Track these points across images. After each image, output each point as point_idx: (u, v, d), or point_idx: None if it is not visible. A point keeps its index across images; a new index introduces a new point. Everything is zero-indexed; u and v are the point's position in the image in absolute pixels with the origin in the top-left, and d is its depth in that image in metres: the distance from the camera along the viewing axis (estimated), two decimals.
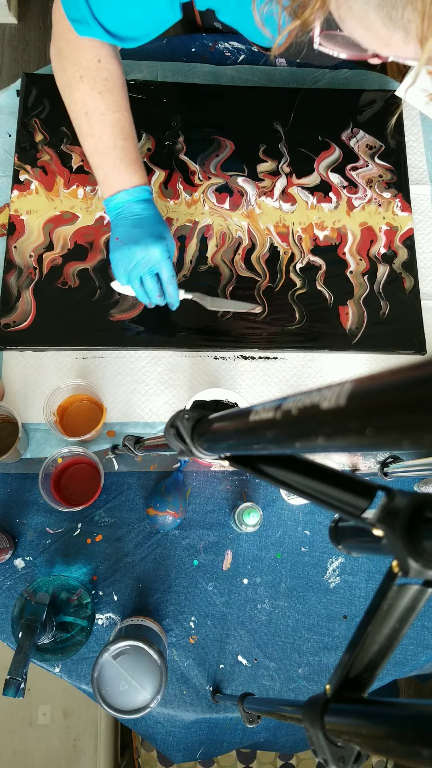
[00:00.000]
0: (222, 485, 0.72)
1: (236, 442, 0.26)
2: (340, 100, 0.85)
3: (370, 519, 0.22)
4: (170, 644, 0.67)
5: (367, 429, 0.15)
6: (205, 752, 0.75)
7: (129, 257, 0.63)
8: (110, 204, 0.64)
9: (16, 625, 0.58)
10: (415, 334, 0.76)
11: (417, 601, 0.25)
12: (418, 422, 0.13)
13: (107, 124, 0.62)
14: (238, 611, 0.68)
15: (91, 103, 0.61)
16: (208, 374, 0.74)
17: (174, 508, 0.67)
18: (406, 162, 0.83)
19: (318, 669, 0.68)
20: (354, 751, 0.25)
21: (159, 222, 0.64)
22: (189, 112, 0.83)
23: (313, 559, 0.70)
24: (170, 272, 0.65)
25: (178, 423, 0.30)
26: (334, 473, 0.26)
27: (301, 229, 0.79)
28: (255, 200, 0.79)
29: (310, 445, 0.19)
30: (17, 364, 0.72)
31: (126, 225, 0.63)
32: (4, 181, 0.79)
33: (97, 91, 0.61)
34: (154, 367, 0.74)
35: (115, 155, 0.62)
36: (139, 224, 0.63)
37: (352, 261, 0.78)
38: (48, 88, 0.81)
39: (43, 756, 1.07)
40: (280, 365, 0.75)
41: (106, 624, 0.67)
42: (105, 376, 0.73)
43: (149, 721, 0.73)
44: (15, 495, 0.69)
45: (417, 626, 0.69)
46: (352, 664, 0.26)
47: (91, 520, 0.69)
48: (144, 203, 0.64)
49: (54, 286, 0.73)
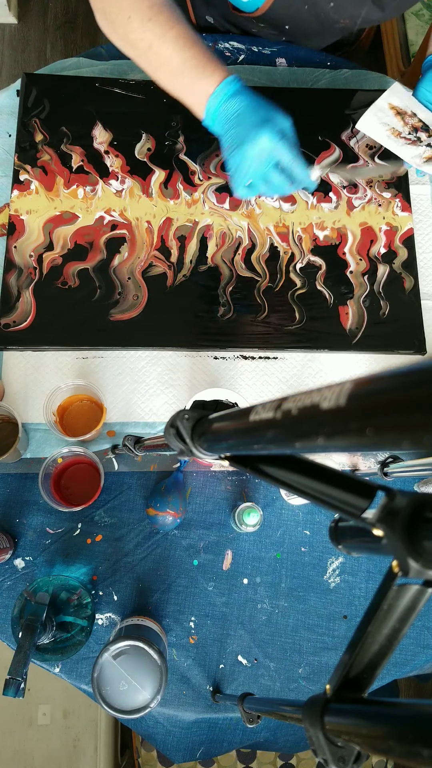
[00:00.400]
0: (222, 485, 0.72)
1: (236, 442, 0.26)
2: (340, 100, 0.85)
3: (370, 519, 0.22)
4: (170, 644, 0.67)
5: (367, 429, 0.15)
6: (205, 752, 0.75)
7: (242, 162, 0.57)
8: (207, 120, 0.60)
9: (16, 625, 0.58)
10: (415, 334, 0.76)
11: (417, 601, 0.25)
12: (418, 422, 0.13)
13: (169, 42, 0.59)
14: (238, 611, 0.68)
15: (147, 35, 0.59)
16: (208, 374, 0.74)
17: (174, 508, 0.67)
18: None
19: (318, 669, 0.68)
20: (354, 751, 0.25)
21: (258, 108, 0.57)
22: (189, 112, 0.82)
23: (313, 559, 0.70)
24: (289, 154, 0.57)
25: (178, 423, 0.30)
26: (334, 473, 0.26)
27: (301, 229, 0.79)
28: (255, 200, 0.79)
29: (310, 445, 0.19)
30: (17, 364, 0.72)
31: (228, 130, 0.58)
32: (4, 181, 0.79)
33: (147, 20, 0.59)
34: (154, 367, 0.74)
35: (188, 70, 0.59)
36: (238, 121, 0.58)
37: (352, 261, 0.78)
38: (48, 88, 0.81)
39: (43, 756, 1.07)
40: (280, 365, 0.75)
41: (106, 624, 0.67)
42: (105, 376, 0.73)
43: (149, 721, 0.73)
44: (15, 495, 0.69)
45: (417, 626, 0.69)
46: (352, 664, 0.26)
47: (91, 520, 0.69)
48: (233, 98, 0.58)
49: (54, 286, 0.73)
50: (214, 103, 0.58)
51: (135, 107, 0.82)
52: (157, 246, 0.76)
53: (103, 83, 0.82)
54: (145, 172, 0.79)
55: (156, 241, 0.76)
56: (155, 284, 0.74)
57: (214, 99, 0.58)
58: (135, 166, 0.79)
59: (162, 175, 0.80)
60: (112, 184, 0.78)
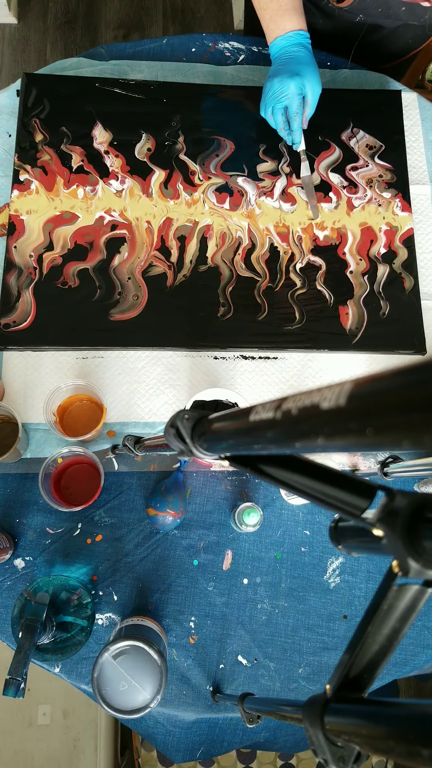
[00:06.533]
0: (222, 485, 0.72)
1: (236, 442, 0.26)
2: (340, 100, 0.85)
3: (370, 519, 0.22)
4: (170, 644, 0.67)
5: (367, 429, 0.15)
6: (205, 752, 0.75)
7: (268, 89, 0.73)
8: (273, 48, 0.74)
9: (16, 625, 0.58)
10: (415, 334, 0.76)
11: (417, 601, 0.25)
12: (418, 422, 0.13)
13: None
14: (238, 611, 0.68)
15: None
16: (208, 374, 0.74)
17: (174, 508, 0.67)
18: (406, 162, 0.83)
19: (318, 669, 0.68)
20: (354, 751, 0.25)
21: (304, 63, 0.72)
22: (189, 112, 0.83)
23: (313, 559, 0.70)
24: (296, 108, 0.73)
25: (178, 423, 0.30)
26: (334, 473, 0.26)
27: (301, 229, 0.79)
28: (255, 200, 0.79)
29: (310, 445, 0.19)
30: (17, 364, 0.72)
31: (277, 64, 0.73)
32: (4, 181, 0.79)
33: None
34: (154, 367, 0.74)
35: (272, 8, 0.72)
36: (286, 63, 0.72)
37: (352, 261, 0.78)
38: (48, 88, 0.81)
39: (43, 756, 1.07)
40: (280, 365, 0.75)
41: (106, 624, 0.67)
42: (105, 376, 0.73)
43: (149, 721, 0.73)
44: (15, 495, 0.69)
45: (417, 626, 0.69)
46: (352, 664, 0.26)
47: (91, 520, 0.69)
48: (296, 46, 0.72)
49: (54, 286, 0.73)
50: (280, 41, 0.73)
51: (135, 107, 0.82)
52: (157, 246, 0.76)
53: (103, 83, 0.82)
54: (145, 172, 0.79)
55: (156, 241, 0.76)
56: (155, 284, 0.74)
57: (281, 39, 0.73)
58: (135, 166, 0.79)
59: (162, 175, 0.79)
60: (112, 184, 0.78)
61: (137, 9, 1.87)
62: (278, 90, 0.72)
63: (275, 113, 0.74)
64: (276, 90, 0.72)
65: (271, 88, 0.72)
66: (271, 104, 0.74)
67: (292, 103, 0.72)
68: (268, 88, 0.73)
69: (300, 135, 0.76)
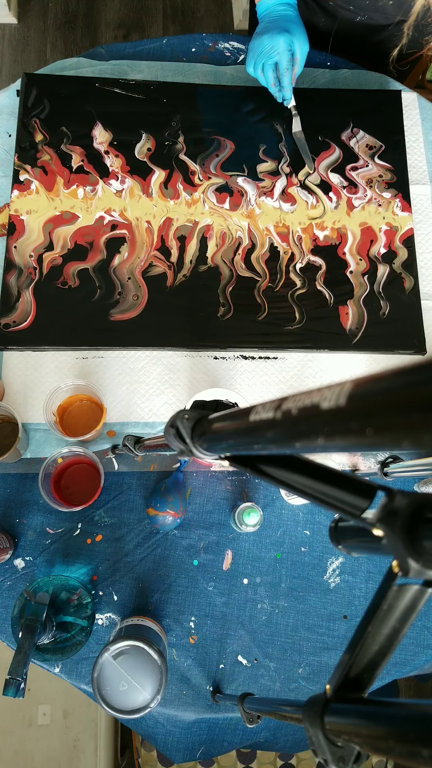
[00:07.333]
0: (222, 485, 0.72)
1: (236, 442, 0.26)
2: (340, 100, 0.85)
3: (370, 519, 0.22)
4: (170, 644, 0.67)
5: (367, 429, 0.15)
6: (205, 752, 0.75)
7: (257, 45, 0.73)
8: (260, 7, 0.75)
9: (16, 625, 0.58)
10: (415, 334, 0.76)
11: (417, 601, 0.25)
12: (418, 422, 0.13)
13: None
14: (238, 611, 0.68)
15: None
16: (208, 374, 0.74)
17: (174, 508, 0.67)
18: (405, 162, 0.83)
19: (318, 669, 0.68)
20: (354, 751, 0.25)
21: (292, 21, 0.73)
22: (189, 112, 0.83)
23: (313, 559, 0.70)
24: (286, 64, 0.73)
25: (178, 423, 0.30)
26: (334, 473, 0.26)
27: (301, 229, 0.79)
28: (255, 200, 0.79)
29: (310, 445, 0.19)
30: (17, 364, 0.72)
31: (265, 21, 0.74)
32: (4, 181, 0.79)
33: None
34: (154, 367, 0.74)
35: None
36: (275, 21, 0.73)
37: (352, 261, 0.78)
38: (48, 88, 0.81)
39: (43, 756, 1.07)
40: (280, 365, 0.75)
41: (106, 624, 0.67)
42: (105, 376, 0.73)
43: (149, 721, 0.73)
44: (15, 495, 0.69)
45: (417, 626, 0.69)
46: (352, 664, 0.26)
47: (91, 520, 0.69)
48: (283, 5, 0.73)
49: (54, 286, 0.73)
50: (266, 2, 0.74)
51: (135, 107, 0.82)
52: (157, 246, 0.76)
53: (103, 83, 0.82)
54: (145, 172, 0.79)
55: (156, 241, 0.76)
56: (155, 284, 0.74)
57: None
58: (135, 166, 0.79)
59: (162, 175, 0.79)
60: (112, 184, 0.78)
61: (137, 9, 1.87)
62: (268, 46, 0.71)
63: (266, 69, 0.74)
64: (266, 46, 0.71)
65: (261, 44, 0.72)
66: (262, 60, 0.73)
67: (283, 59, 0.73)
68: (257, 45, 0.72)
69: (290, 91, 0.78)
